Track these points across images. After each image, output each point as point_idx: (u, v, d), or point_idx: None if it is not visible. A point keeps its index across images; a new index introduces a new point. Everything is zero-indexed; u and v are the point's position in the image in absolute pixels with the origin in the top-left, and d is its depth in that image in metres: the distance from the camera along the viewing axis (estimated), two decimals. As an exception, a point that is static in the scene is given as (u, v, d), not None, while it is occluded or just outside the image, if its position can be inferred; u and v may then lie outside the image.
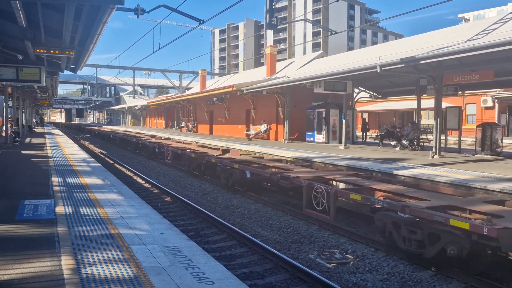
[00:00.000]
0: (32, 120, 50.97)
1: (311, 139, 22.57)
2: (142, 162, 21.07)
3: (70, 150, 17.84)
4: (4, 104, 19.57)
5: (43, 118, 72.41)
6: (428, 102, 22.11)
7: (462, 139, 17.72)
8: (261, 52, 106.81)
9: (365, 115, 41.84)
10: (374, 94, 23.18)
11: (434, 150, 14.18)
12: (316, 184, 8.62)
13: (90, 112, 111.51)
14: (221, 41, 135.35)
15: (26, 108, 36.20)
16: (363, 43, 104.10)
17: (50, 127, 57.84)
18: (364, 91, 22.76)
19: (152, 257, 4.23)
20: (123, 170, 17.62)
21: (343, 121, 18.74)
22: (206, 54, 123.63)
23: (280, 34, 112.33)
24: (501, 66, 13.85)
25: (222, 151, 16.45)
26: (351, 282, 5.96)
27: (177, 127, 44.27)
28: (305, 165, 12.60)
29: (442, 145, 15.51)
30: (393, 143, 19.45)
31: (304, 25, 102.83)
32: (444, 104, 17.26)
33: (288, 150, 16.78)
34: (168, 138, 26.26)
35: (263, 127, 25.86)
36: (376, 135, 22.68)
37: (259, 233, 8.46)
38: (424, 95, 17.61)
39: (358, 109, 34.54)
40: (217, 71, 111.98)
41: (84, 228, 5.26)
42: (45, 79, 16.31)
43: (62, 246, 4.50)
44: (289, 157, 14.46)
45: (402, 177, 10.12)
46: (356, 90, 22.14)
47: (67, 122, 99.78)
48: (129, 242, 4.72)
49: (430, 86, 15.05)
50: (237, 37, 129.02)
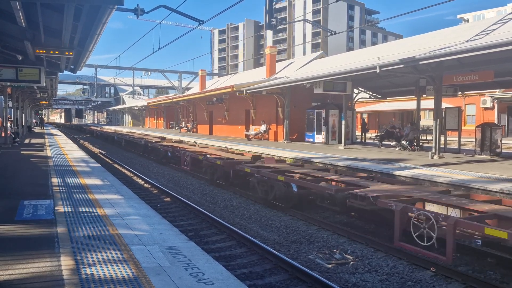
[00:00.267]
0: (32, 121, 50.98)
1: (311, 140, 22.57)
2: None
3: (70, 151, 17.83)
4: (4, 105, 19.58)
5: (43, 119, 72.35)
6: (428, 103, 22.12)
7: (462, 140, 17.74)
8: (261, 53, 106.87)
9: (365, 116, 41.83)
10: (374, 95, 23.20)
11: (434, 151, 14.18)
12: (418, 211, 6.78)
13: (90, 113, 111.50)
14: (221, 42, 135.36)
15: (26, 109, 36.20)
16: (363, 44, 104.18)
17: (50, 128, 57.83)
18: (364, 92, 22.78)
19: (152, 258, 4.23)
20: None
21: (343, 122, 18.74)
22: (206, 55, 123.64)
23: (280, 35, 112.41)
24: (501, 67, 13.86)
25: (253, 157, 14.82)
26: (351, 283, 5.96)
27: (177, 128, 44.29)
28: (378, 178, 10.25)
29: (442, 146, 15.51)
30: (393, 144, 19.46)
31: (304, 26, 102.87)
32: (444, 105, 17.28)
33: (288, 151, 16.78)
34: (180, 141, 24.91)
35: (263, 128, 25.86)
36: (376, 136, 22.67)
37: (259, 233, 8.46)
38: (424, 96, 17.60)
39: (358, 110, 34.55)
40: (217, 72, 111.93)
41: (84, 229, 5.26)
42: (45, 80, 16.30)
43: (62, 247, 4.50)
44: (289, 158, 14.46)
45: (402, 178, 10.12)
46: (356, 91, 22.17)
47: (67, 123, 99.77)
48: (129, 243, 4.71)
49: (430, 87, 15.05)
50: (237, 38, 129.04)
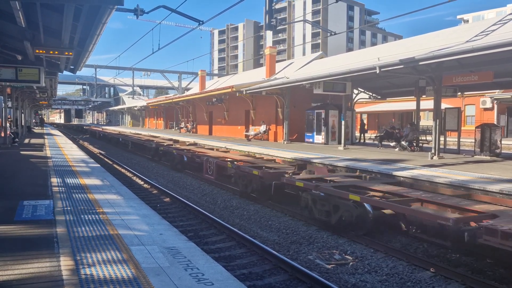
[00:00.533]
0: (32, 121, 50.96)
1: (310, 140, 22.56)
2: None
3: (70, 151, 17.82)
4: (3, 105, 19.56)
5: (43, 119, 72.34)
6: (427, 103, 22.12)
7: (461, 140, 17.73)
8: (261, 53, 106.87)
9: (364, 116, 41.84)
10: (374, 95, 23.20)
11: (433, 151, 14.18)
12: None
13: (89, 113, 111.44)
14: (221, 42, 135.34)
15: (25, 109, 36.19)
16: (362, 44, 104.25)
17: (49, 128, 57.80)
18: (364, 92, 22.78)
19: (151, 258, 4.22)
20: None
21: (342, 122, 18.74)
22: (206, 55, 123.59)
23: (280, 35, 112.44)
24: (500, 67, 13.86)
25: (298, 166, 12.50)
26: (350, 283, 5.96)
27: (176, 128, 44.26)
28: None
29: (441, 146, 15.51)
30: (392, 144, 19.46)
31: (304, 26, 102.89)
32: (443, 105, 17.26)
33: (288, 151, 16.78)
34: (195, 143, 22.42)
35: (262, 128, 25.84)
36: (376, 136, 22.68)
37: (258, 234, 8.45)
38: (423, 96, 17.59)
39: (358, 110, 34.54)
40: (217, 72, 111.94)
41: (83, 229, 5.25)
42: (44, 80, 16.29)
43: (61, 247, 4.49)
44: (288, 158, 14.46)
45: (402, 178, 10.12)
46: (356, 91, 22.16)
47: (66, 123, 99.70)
48: (128, 243, 4.71)
49: (429, 87, 15.04)
50: (237, 38, 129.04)
